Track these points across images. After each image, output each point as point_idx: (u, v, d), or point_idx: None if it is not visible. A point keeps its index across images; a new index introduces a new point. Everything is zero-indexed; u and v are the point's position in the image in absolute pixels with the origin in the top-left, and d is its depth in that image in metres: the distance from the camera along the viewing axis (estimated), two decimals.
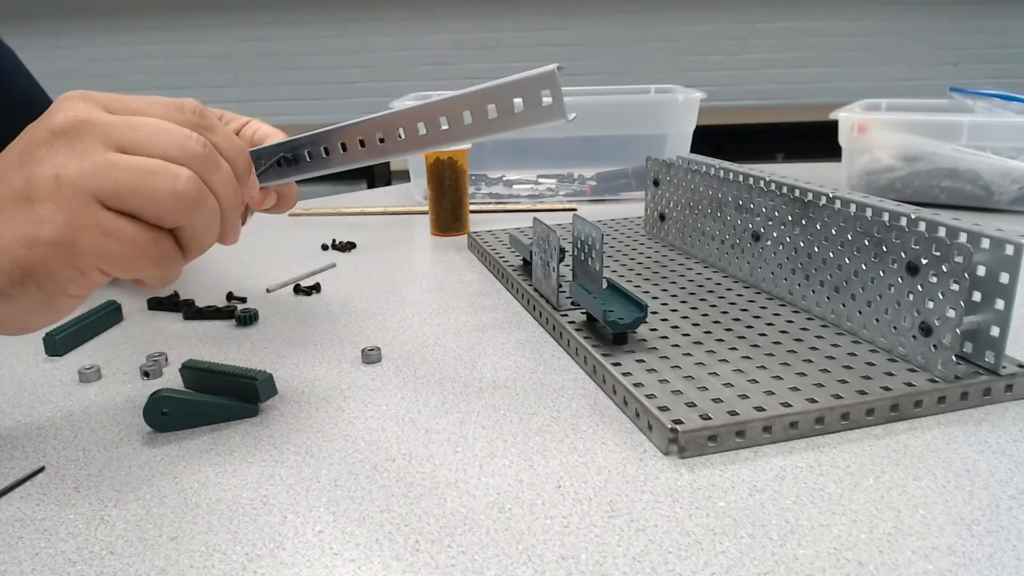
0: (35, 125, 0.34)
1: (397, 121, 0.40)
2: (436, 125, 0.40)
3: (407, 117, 0.40)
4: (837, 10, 3.07)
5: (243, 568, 0.31)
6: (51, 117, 0.33)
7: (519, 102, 0.37)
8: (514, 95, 0.37)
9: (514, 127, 0.38)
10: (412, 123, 0.40)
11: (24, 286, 0.33)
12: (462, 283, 0.68)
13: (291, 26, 3.05)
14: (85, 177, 0.32)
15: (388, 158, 0.42)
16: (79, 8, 2.99)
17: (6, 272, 0.33)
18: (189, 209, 0.34)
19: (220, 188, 0.36)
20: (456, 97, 0.38)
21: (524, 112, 0.37)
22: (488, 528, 0.33)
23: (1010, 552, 0.31)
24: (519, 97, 0.37)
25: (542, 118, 0.37)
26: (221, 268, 0.74)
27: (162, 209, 0.33)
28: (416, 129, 0.40)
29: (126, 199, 0.33)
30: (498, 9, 3.03)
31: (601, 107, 0.99)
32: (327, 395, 0.46)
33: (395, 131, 0.41)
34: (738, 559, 0.31)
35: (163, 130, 0.34)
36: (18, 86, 0.83)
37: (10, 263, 0.33)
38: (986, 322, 0.43)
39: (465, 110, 0.38)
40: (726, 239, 0.63)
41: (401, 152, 0.41)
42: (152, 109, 0.35)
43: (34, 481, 0.38)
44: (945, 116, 0.93)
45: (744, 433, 0.39)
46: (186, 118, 0.36)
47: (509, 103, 0.37)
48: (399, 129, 0.40)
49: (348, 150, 0.42)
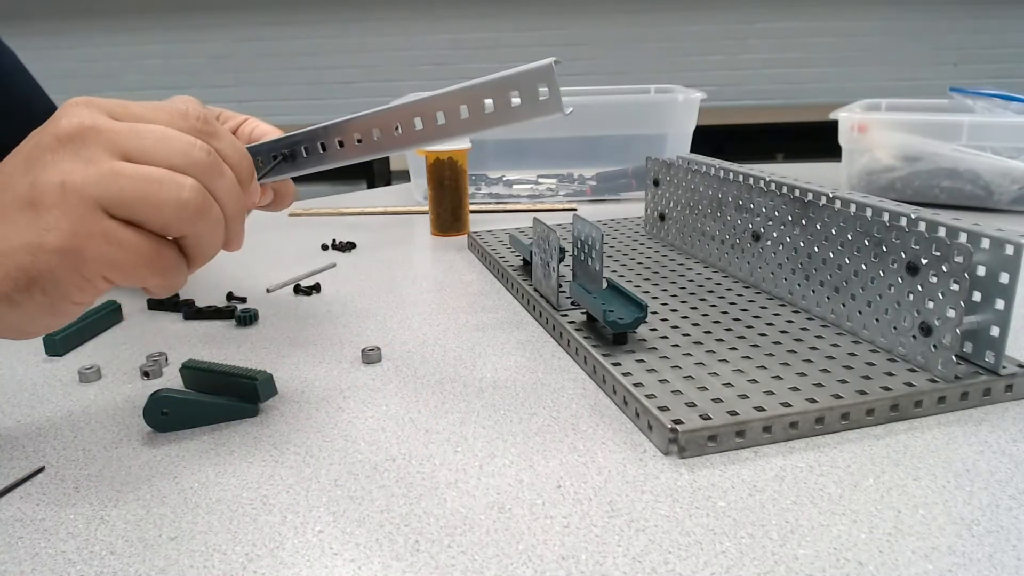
0: (40, 130, 0.34)
1: (394, 116, 0.40)
2: (433, 120, 0.40)
3: (404, 112, 0.40)
4: (837, 10, 3.07)
5: (243, 568, 0.31)
6: (56, 123, 0.33)
7: (516, 96, 0.37)
8: (511, 89, 0.37)
9: (511, 121, 0.38)
10: (409, 118, 0.40)
11: (30, 292, 0.33)
12: (462, 283, 0.68)
13: (291, 26, 3.05)
14: (90, 185, 0.32)
15: (386, 153, 0.42)
16: (79, 8, 2.99)
17: (12, 278, 0.33)
18: (193, 218, 0.34)
19: (224, 195, 0.36)
20: (453, 92, 0.38)
21: (521, 106, 0.37)
22: (488, 528, 0.33)
23: (1010, 552, 0.31)
24: (516, 91, 0.37)
25: (539, 112, 0.37)
26: (221, 268, 0.74)
27: (167, 218, 0.33)
28: (413, 124, 0.40)
29: (131, 208, 0.33)
30: (498, 9, 3.03)
31: (601, 107, 0.99)
32: (327, 395, 0.46)
33: (392, 127, 0.41)
34: (738, 559, 0.31)
35: (168, 138, 0.34)
36: (18, 87, 0.83)
37: (16, 269, 0.32)
38: (986, 322, 0.43)
39: (462, 104, 0.38)
40: (726, 239, 0.63)
41: (399, 147, 0.41)
42: (157, 116, 0.35)
43: (34, 481, 0.38)
44: (945, 116, 0.93)
45: (744, 433, 0.39)
46: (190, 125, 0.36)
47: (506, 97, 0.38)
48: (396, 124, 0.40)
49: (345, 146, 0.42)
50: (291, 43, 3.07)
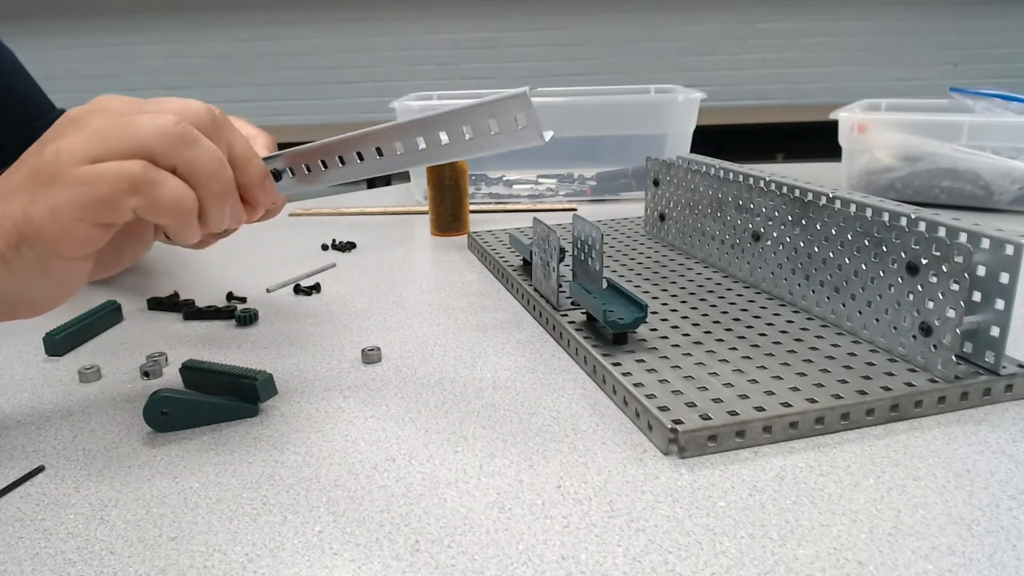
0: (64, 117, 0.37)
1: (376, 139, 0.40)
2: (415, 146, 0.40)
3: (383, 137, 0.40)
4: (837, 10, 3.07)
5: (243, 568, 0.31)
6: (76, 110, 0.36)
7: (494, 123, 0.37)
8: (487, 117, 0.37)
9: (492, 149, 0.38)
10: (390, 143, 0.40)
11: (19, 250, 0.35)
12: (462, 283, 0.68)
13: (291, 26, 3.05)
14: (79, 143, 0.34)
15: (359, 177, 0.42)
16: (79, 8, 2.99)
17: (4, 235, 0.35)
18: (175, 142, 0.35)
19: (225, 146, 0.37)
20: (432, 118, 0.38)
21: (501, 135, 0.37)
22: (488, 528, 0.33)
23: (1010, 552, 0.31)
24: (493, 119, 0.37)
25: (518, 141, 0.37)
26: (221, 268, 0.74)
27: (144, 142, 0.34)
28: (395, 149, 0.40)
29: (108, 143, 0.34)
30: (498, 9, 3.03)
31: (601, 107, 0.99)
32: (327, 395, 0.46)
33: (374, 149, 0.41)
34: (738, 559, 0.31)
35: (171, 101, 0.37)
36: (17, 87, 0.83)
37: (11, 228, 0.35)
38: (986, 322, 0.43)
39: (441, 131, 0.38)
40: (726, 239, 0.63)
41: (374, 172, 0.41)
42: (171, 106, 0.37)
43: (34, 481, 0.38)
44: (945, 116, 0.93)
45: (744, 433, 0.39)
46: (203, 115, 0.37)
47: (484, 124, 0.37)
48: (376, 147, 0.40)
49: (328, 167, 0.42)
50: (291, 43, 3.07)
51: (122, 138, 0.34)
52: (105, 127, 0.35)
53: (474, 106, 0.37)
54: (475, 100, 0.37)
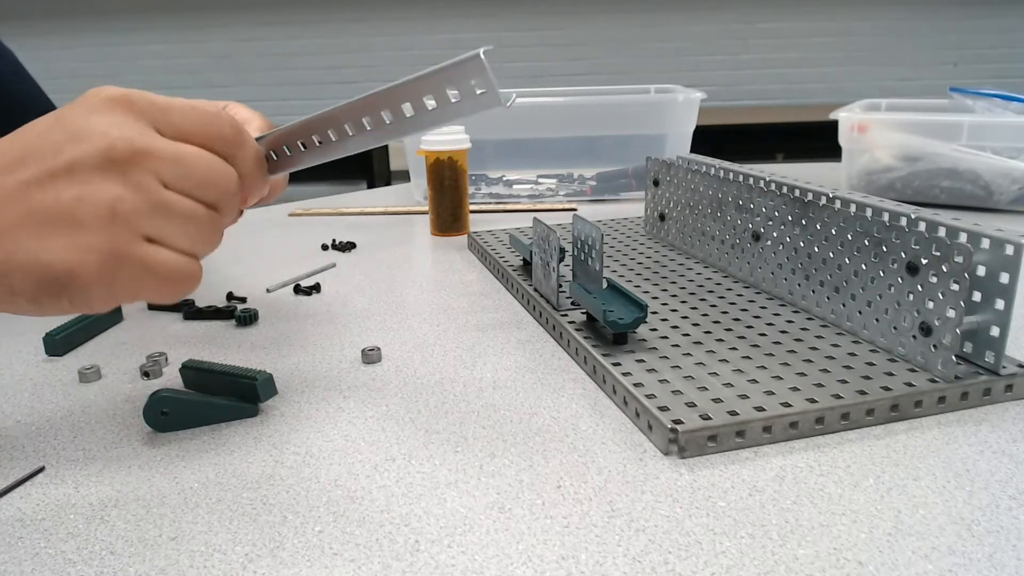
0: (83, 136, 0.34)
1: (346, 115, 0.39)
2: (381, 120, 0.39)
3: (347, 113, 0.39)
4: (837, 10, 3.07)
5: (243, 568, 0.31)
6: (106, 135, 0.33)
7: (453, 91, 0.37)
8: (445, 84, 0.36)
9: (455, 117, 0.37)
10: (357, 117, 0.39)
11: (57, 299, 0.34)
12: (462, 283, 0.68)
13: (291, 26, 3.05)
14: (141, 215, 0.33)
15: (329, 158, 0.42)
16: (79, 8, 2.99)
17: (45, 286, 0.33)
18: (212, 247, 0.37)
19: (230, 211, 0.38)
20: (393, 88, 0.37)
21: (462, 101, 0.36)
22: (488, 528, 0.33)
23: (1010, 552, 0.31)
24: (451, 86, 0.36)
25: (480, 106, 0.36)
26: (221, 268, 0.74)
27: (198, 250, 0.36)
28: (363, 124, 0.39)
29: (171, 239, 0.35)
30: (498, 9, 3.03)
31: (601, 107, 0.99)
32: (327, 395, 0.46)
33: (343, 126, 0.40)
34: (738, 559, 0.31)
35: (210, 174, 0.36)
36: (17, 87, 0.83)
37: (50, 279, 0.33)
38: (986, 322, 0.43)
39: (404, 103, 0.38)
40: (726, 239, 0.63)
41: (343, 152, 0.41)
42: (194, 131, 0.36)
43: (34, 481, 0.38)
44: (945, 116, 0.93)
45: (744, 433, 0.39)
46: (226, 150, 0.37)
47: (443, 93, 0.37)
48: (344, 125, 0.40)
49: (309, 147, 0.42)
50: (291, 43, 3.07)
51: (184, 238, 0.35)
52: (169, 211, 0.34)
53: (431, 72, 0.36)
54: (431, 68, 0.37)
